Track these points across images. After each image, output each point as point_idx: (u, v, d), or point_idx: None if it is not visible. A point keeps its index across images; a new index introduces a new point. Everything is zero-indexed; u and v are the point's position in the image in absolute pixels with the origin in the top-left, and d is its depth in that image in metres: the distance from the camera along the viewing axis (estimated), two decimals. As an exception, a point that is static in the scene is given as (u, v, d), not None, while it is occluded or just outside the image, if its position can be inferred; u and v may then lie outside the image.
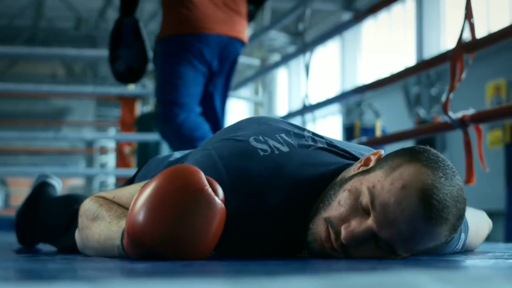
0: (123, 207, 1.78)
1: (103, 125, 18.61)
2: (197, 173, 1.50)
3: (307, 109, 5.40)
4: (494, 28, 10.67)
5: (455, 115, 3.36)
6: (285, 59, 6.42)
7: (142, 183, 1.81)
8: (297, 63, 19.24)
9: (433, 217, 1.52)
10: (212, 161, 1.69)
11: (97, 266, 1.32)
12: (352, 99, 7.87)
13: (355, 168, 1.70)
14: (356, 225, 1.58)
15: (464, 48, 3.32)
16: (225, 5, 3.82)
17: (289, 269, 1.21)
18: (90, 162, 19.19)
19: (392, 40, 16.13)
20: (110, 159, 15.42)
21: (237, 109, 19.27)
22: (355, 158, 1.82)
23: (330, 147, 1.81)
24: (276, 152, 1.72)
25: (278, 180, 1.69)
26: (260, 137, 1.74)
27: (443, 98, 3.39)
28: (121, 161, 8.04)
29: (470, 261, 1.67)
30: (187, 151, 2.20)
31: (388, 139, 4.43)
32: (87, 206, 1.82)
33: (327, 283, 0.84)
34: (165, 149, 7.96)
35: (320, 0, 15.07)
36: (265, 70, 7.77)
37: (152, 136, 6.74)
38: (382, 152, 1.71)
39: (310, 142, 1.79)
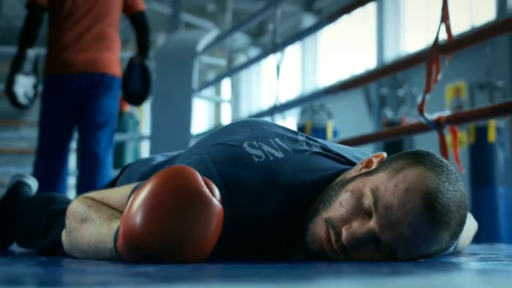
0: (112, 208, 1.74)
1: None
2: (193, 174, 1.46)
3: (277, 109, 5.38)
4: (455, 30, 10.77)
5: (431, 116, 3.36)
6: (255, 59, 6.37)
7: (132, 185, 1.77)
8: (257, 64, 19.23)
9: (436, 221, 1.51)
10: (205, 166, 1.65)
11: (105, 270, 1.28)
12: (320, 100, 7.85)
13: (356, 169, 1.68)
14: (357, 226, 1.57)
15: (440, 49, 3.32)
16: (93, 45, 4.30)
17: (308, 272, 1.18)
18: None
19: (352, 40, 16.22)
20: (72, 159, 15.19)
21: (199, 109, 19.20)
22: (350, 163, 1.80)
23: (325, 151, 1.79)
24: (271, 158, 1.68)
25: (273, 188, 1.66)
26: (254, 142, 1.70)
27: (419, 99, 3.38)
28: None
29: (478, 264, 1.66)
30: (170, 154, 2.16)
31: (359, 140, 4.41)
32: (75, 208, 1.77)
33: (369, 287, 0.82)
34: (130, 149, 7.90)
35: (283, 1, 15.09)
36: (232, 71, 7.71)
37: (117, 136, 6.65)
38: (385, 154, 1.69)
39: (305, 147, 1.76)
